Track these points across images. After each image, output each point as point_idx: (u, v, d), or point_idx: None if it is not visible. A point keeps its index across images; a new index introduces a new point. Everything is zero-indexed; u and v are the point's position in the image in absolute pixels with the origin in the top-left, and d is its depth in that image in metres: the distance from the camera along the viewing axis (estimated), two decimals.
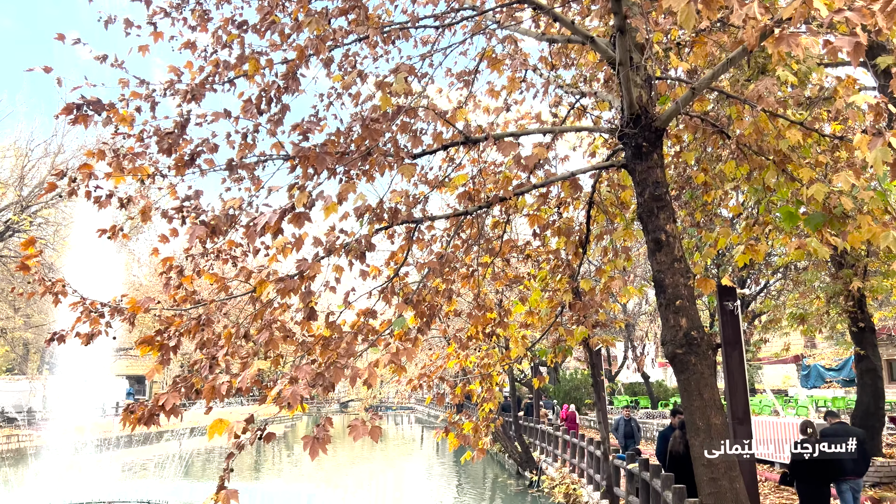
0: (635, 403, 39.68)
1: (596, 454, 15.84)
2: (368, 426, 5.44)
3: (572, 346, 10.19)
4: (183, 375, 6.00)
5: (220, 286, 6.79)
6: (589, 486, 16.61)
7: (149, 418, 5.54)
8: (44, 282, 6.16)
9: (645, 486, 10.92)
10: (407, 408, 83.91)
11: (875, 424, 15.02)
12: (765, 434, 17.24)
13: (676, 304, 7.18)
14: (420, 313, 6.97)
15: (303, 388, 5.36)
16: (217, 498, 5.53)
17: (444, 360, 9.81)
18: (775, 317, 17.04)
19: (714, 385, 7.26)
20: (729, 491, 6.85)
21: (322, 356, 6.05)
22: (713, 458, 6.94)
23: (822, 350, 34.31)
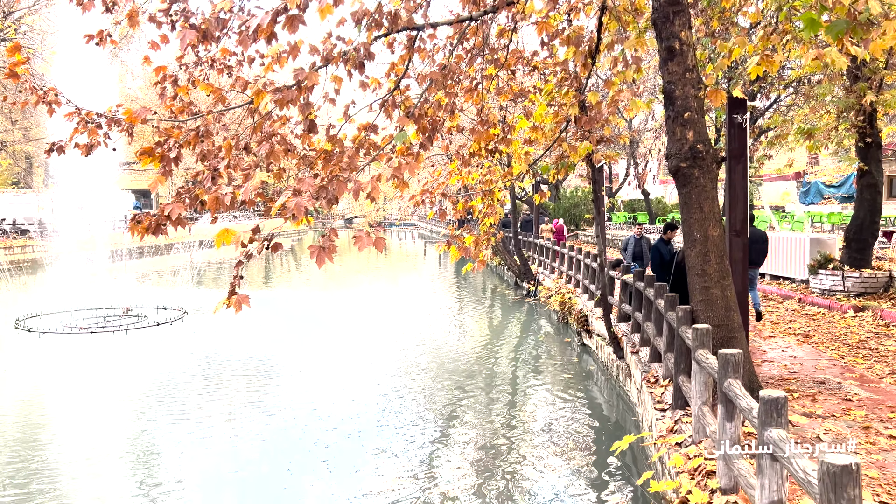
0: (633, 220, 40.45)
1: (592, 266, 16.39)
2: (373, 237, 5.55)
3: (575, 162, 10.15)
4: (186, 187, 6.02)
5: (216, 97, 6.61)
6: (584, 295, 17.37)
7: (156, 228, 5.63)
8: (35, 91, 5.99)
9: (638, 294, 11.41)
10: (410, 224, 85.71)
11: (868, 238, 15.37)
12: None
13: (685, 116, 7.03)
14: (422, 128, 6.84)
15: (306, 200, 5.40)
16: (228, 303, 5.78)
17: (447, 176, 9.82)
18: (782, 132, 16.81)
19: (715, 199, 7.32)
20: (720, 298, 7.14)
21: (324, 170, 6.02)
22: (707, 268, 7.16)
23: (825, 167, 34.30)
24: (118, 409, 10.98)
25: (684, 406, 7.28)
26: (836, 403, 7.31)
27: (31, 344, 15.39)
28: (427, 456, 8.80)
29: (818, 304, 14.24)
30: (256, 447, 9.15)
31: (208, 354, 14.81)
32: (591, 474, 8.29)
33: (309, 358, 14.75)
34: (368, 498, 7.46)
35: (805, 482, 3.28)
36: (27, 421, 10.44)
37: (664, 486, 5.87)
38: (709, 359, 5.79)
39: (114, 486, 7.96)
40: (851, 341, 10.77)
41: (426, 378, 13.02)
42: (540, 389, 12.32)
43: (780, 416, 3.91)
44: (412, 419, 10.41)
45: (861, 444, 6.05)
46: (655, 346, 9.65)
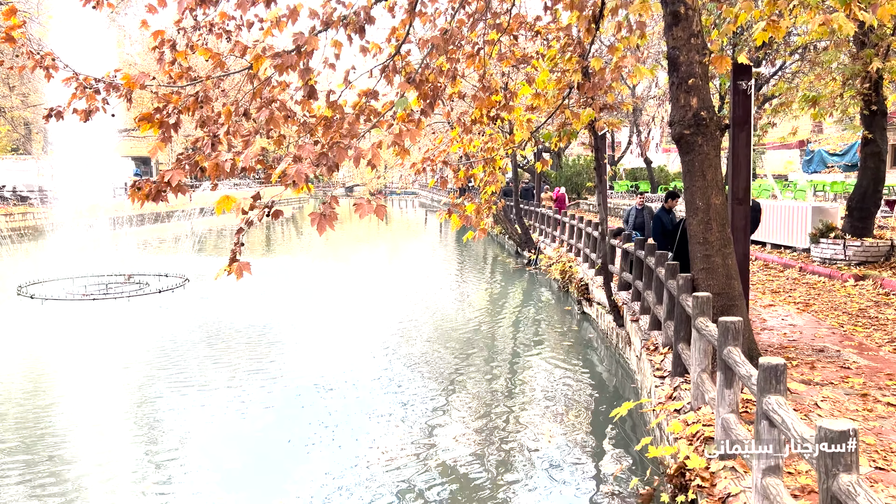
0: (635, 188, 40.30)
1: (593, 235, 16.38)
2: (374, 205, 5.53)
3: (578, 130, 10.07)
4: (186, 154, 5.98)
5: (215, 62, 6.53)
6: (584, 264, 17.39)
7: (156, 194, 5.61)
8: (32, 55, 5.92)
9: (639, 263, 11.41)
10: (411, 193, 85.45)
11: (870, 207, 15.32)
12: (762, 216, 17.67)
13: (689, 82, 6.96)
14: (423, 94, 6.77)
15: (307, 167, 5.36)
16: (230, 269, 5.78)
17: (448, 144, 9.75)
18: (787, 100, 16.65)
19: (718, 166, 7.28)
20: (721, 267, 7.14)
21: (324, 136, 5.98)
22: (709, 236, 7.15)
23: (829, 135, 34.05)
24: (121, 376, 11.07)
25: (683, 373, 7.33)
26: (834, 371, 7.36)
27: (34, 310, 15.46)
28: (428, 422, 8.89)
29: (819, 272, 14.25)
30: (259, 413, 9.24)
31: (210, 321, 14.89)
32: (589, 440, 8.38)
33: (310, 325, 14.83)
34: (370, 464, 7.56)
35: (803, 447, 3.31)
36: (32, 387, 10.53)
37: (662, 451, 5.94)
38: (709, 326, 5.81)
39: (118, 453, 8.06)
40: (851, 310, 10.80)
41: (427, 346, 13.09)
42: (540, 357, 12.40)
43: (779, 382, 3.93)
44: (413, 386, 10.50)
45: (858, 411, 6.11)
46: (655, 315, 9.68)
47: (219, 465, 7.55)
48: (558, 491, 6.97)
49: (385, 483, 7.05)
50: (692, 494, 5.08)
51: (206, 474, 7.32)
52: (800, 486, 4.62)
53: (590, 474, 7.37)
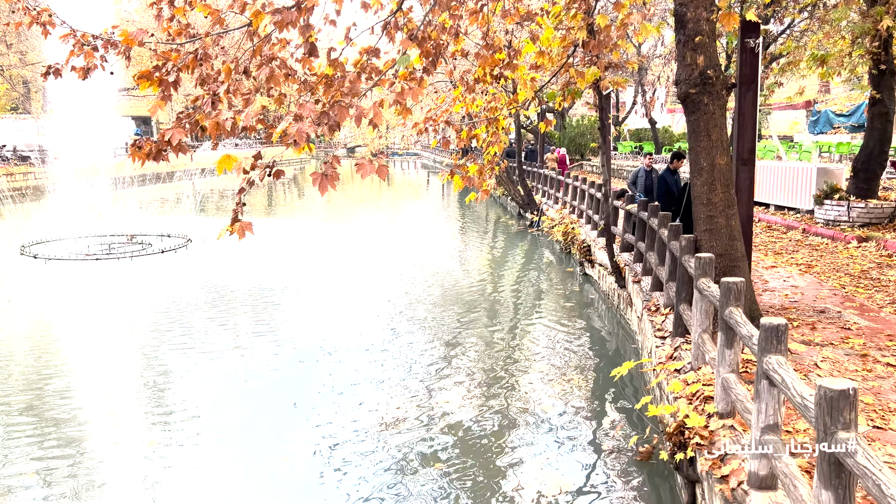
0: (639, 149, 40.00)
1: (596, 196, 16.31)
2: (375, 165, 5.49)
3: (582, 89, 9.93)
4: (186, 112, 5.93)
5: (214, 19, 6.42)
6: (587, 225, 17.36)
7: (157, 154, 5.58)
8: (29, 11, 5.83)
9: (642, 224, 11.38)
10: (413, 154, 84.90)
11: (876, 168, 15.22)
12: (766, 177, 17.58)
13: (695, 40, 6.85)
14: (425, 52, 6.66)
15: (308, 126, 5.32)
16: (232, 229, 5.77)
17: (450, 103, 9.64)
18: (794, 59, 16.41)
19: (723, 126, 7.20)
20: (724, 228, 7.12)
21: (325, 95, 5.91)
22: (713, 197, 7.11)
23: (836, 96, 33.64)
24: (126, 336, 11.16)
25: (684, 334, 7.36)
26: (835, 332, 7.39)
27: (38, 270, 15.52)
28: (430, 383, 8.98)
29: (822, 234, 14.22)
30: (263, 375, 9.33)
31: (213, 282, 14.95)
32: (590, 400, 8.47)
33: (313, 286, 14.88)
34: (372, 424, 7.65)
35: (802, 406, 3.33)
36: (37, 347, 10.62)
37: (662, 410, 5.99)
38: (711, 287, 5.82)
39: (123, 412, 8.16)
40: (853, 271, 10.80)
41: (428, 307, 13.15)
42: (541, 318, 12.46)
43: (779, 342, 3.95)
44: (415, 347, 10.57)
45: (858, 371, 6.15)
46: (657, 276, 9.69)
47: (223, 426, 7.65)
48: (559, 449, 7.07)
49: (388, 443, 7.15)
50: (691, 452, 5.14)
51: (210, 435, 7.42)
52: (798, 444, 4.68)
53: (590, 433, 7.47)
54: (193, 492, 6.19)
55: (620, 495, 6.08)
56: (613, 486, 6.24)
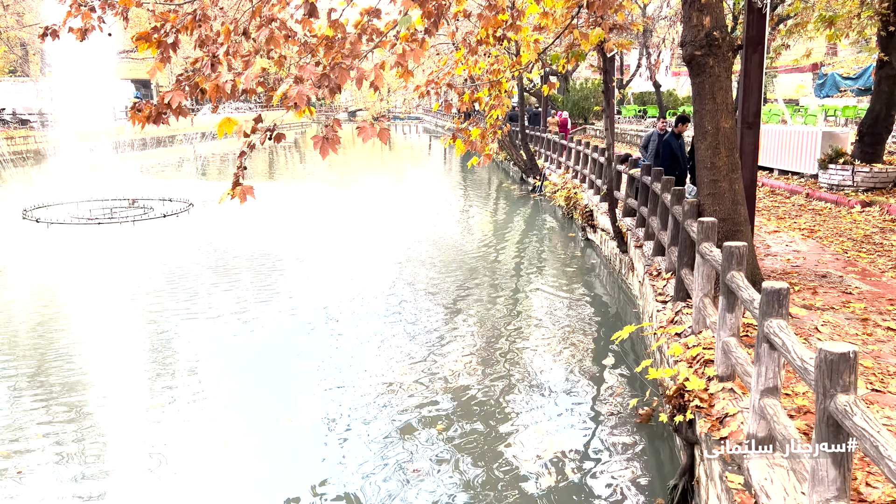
0: (643, 113, 39.62)
1: (600, 161, 16.21)
2: (377, 128, 5.45)
3: (586, 51, 9.80)
4: (186, 75, 5.86)
5: None
6: (590, 190, 17.28)
7: (157, 117, 5.53)
8: None
9: (645, 188, 11.32)
10: (415, 118, 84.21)
11: (882, 132, 15.08)
12: (770, 141, 17.43)
13: (702, 1, 6.72)
14: (427, 13, 6.55)
15: (308, 89, 5.27)
16: (233, 193, 5.76)
17: (452, 66, 9.52)
18: (802, 20, 16.14)
19: (728, 89, 7.12)
20: (728, 192, 7.08)
21: (326, 57, 5.83)
22: (717, 161, 7.06)
23: (843, 58, 33.17)
24: (129, 300, 11.21)
25: (685, 298, 7.38)
26: (836, 296, 7.40)
27: (40, 234, 15.54)
28: (431, 347, 9.04)
29: (825, 199, 14.16)
30: (266, 338, 9.40)
31: (216, 246, 14.97)
32: (590, 363, 8.53)
33: (315, 251, 14.90)
34: (374, 387, 7.73)
35: (802, 369, 3.35)
36: (42, 312, 10.69)
37: (662, 373, 6.04)
38: (713, 251, 5.81)
39: (127, 375, 8.24)
40: (856, 236, 10.78)
41: (431, 272, 13.18)
42: (543, 283, 12.49)
43: (781, 306, 3.95)
44: (417, 312, 10.62)
45: (858, 335, 6.17)
46: (659, 240, 9.68)
47: (226, 389, 7.73)
48: (559, 411, 7.15)
49: (390, 406, 7.22)
50: (690, 414, 5.19)
51: (214, 397, 7.51)
52: (796, 406, 4.72)
53: (590, 396, 7.54)
54: (197, 452, 6.28)
55: (620, 457, 6.17)
56: (613, 448, 6.32)
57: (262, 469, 6.01)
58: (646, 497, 5.48)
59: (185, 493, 5.59)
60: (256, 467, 6.03)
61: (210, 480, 5.79)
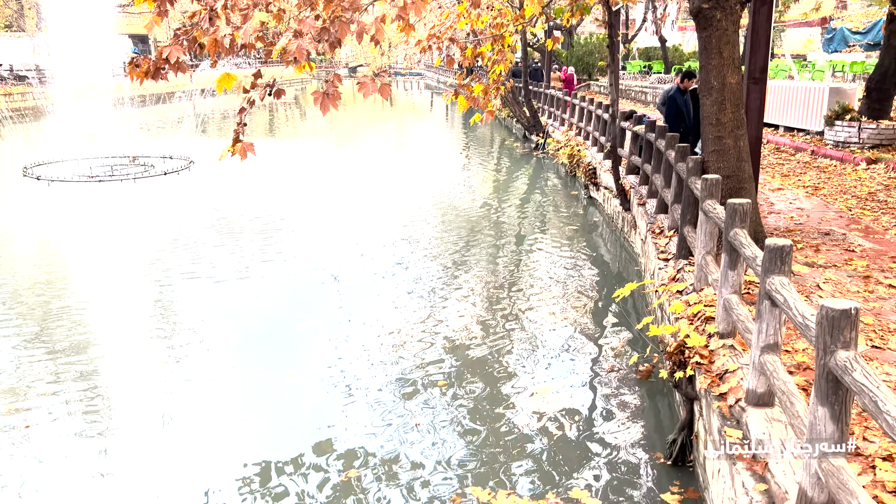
0: (648, 69, 39.07)
1: (604, 117, 16.04)
2: (378, 83, 5.38)
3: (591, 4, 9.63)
4: (184, 29, 5.76)
5: None
6: (593, 147, 17.15)
7: (155, 72, 5.46)
8: None
9: (649, 145, 11.23)
10: (416, 73, 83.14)
11: (890, 88, 14.86)
12: (776, 98, 17.20)
13: None
14: None
15: (308, 43, 5.19)
16: (233, 150, 5.72)
17: (455, 19, 9.35)
18: None
19: (735, 43, 6.99)
20: (732, 149, 7.02)
21: (325, 10, 5.72)
22: (722, 117, 6.98)
23: (853, 12, 32.53)
24: (132, 258, 11.23)
25: (687, 256, 7.37)
26: (838, 254, 7.39)
27: (41, 192, 15.50)
28: (433, 304, 9.08)
29: (831, 156, 14.04)
30: (268, 296, 9.44)
31: (218, 204, 14.93)
32: (591, 320, 8.58)
33: (316, 209, 14.87)
34: (376, 343, 7.78)
35: (803, 326, 3.36)
36: (45, 268, 10.73)
37: (663, 330, 6.07)
38: (716, 209, 5.78)
39: (131, 331, 8.30)
40: (861, 193, 10.72)
41: (433, 231, 13.17)
42: (545, 241, 12.49)
43: (783, 263, 3.95)
44: (419, 270, 10.64)
45: (860, 292, 6.18)
46: (663, 198, 9.64)
47: (230, 346, 7.79)
48: (559, 368, 7.21)
49: (392, 362, 7.29)
50: (690, 371, 5.23)
51: (218, 354, 7.57)
52: (796, 363, 4.75)
53: (590, 352, 7.60)
54: (202, 406, 6.36)
55: (620, 413, 6.24)
56: (613, 404, 6.39)
57: (266, 424, 6.09)
58: (645, 452, 5.56)
59: (190, 448, 5.68)
60: (260, 423, 6.11)
61: (214, 435, 5.87)
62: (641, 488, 5.07)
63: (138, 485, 5.12)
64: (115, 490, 5.07)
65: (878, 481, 3.44)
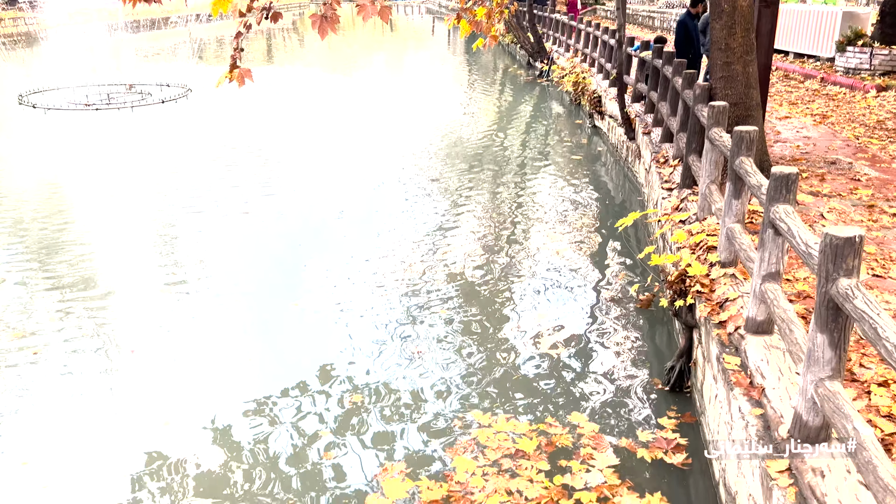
0: None
1: (610, 43, 15.64)
2: (377, 6, 5.21)
3: None
4: None
5: None
6: (599, 75, 16.79)
7: None
8: None
9: (655, 72, 10.97)
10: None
11: None
12: (786, 22, 16.73)
13: None
14: None
15: None
16: (231, 76, 5.60)
17: None
18: None
19: None
20: (741, 75, 6.86)
21: None
22: (731, 42, 6.80)
23: None
24: (134, 189, 11.16)
25: (692, 185, 7.31)
26: (843, 183, 7.33)
27: (38, 120, 15.31)
28: (435, 235, 9.08)
29: (841, 83, 13.76)
30: (269, 227, 9.44)
31: (217, 134, 14.77)
32: (593, 250, 8.59)
33: (317, 139, 14.70)
34: (379, 274, 7.82)
35: (806, 254, 3.35)
36: (47, 199, 10.71)
37: (664, 259, 6.08)
38: (723, 137, 5.69)
39: (133, 261, 8.33)
40: (869, 122, 10.55)
41: (434, 160, 13.05)
42: (548, 171, 12.38)
43: (789, 192, 3.90)
44: (421, 201, 10.60)
45: (863, 222, 6.15)
46: (668, 126, 9.49)
47: (232, 277, 7.82)
48: (560, 296, 7.26)
49: (394, 291, 7.34)
50: (690, 299, 5.26)
51: (220, 284, 7.62)
52: (796, 291, 4.77)
53: (592, 281, 7.63)
54: (207, 334, 6.44)
55: (619, 340, 6.31)
56: (613, 332, 6.47)
57: (271, 352, 6.18)
58: (643, 379, 5.65)
59: (196, 374, 5.78)
60: (265, 350, 6.20)
61: (220, 362, 5.96)
62: (639, 413, 5.18)
63: (146, 410, 5.23)
64: (124, 414, 5.19)
65: (873, 406, 3.50)
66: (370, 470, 4.55)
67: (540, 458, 4.51)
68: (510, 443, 4.70)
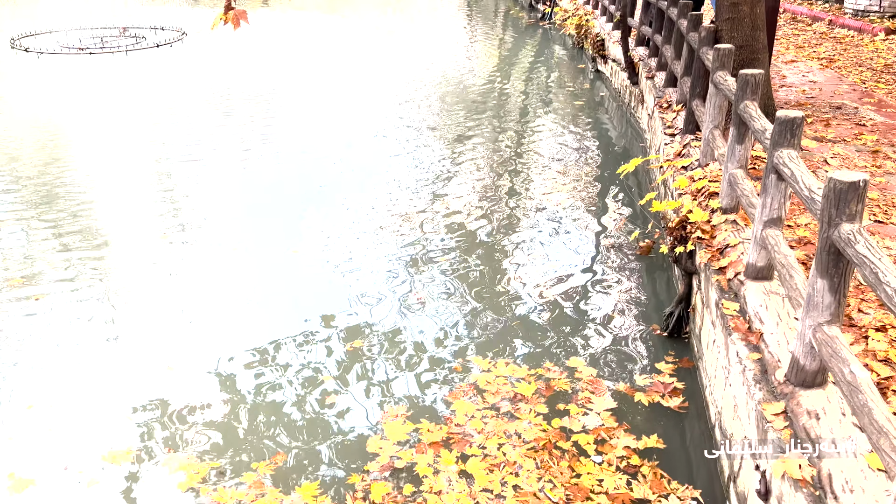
0: None
1: None
2: None
3: None
4: None
5: None
6: (602, 17, 16.42)
7: None
8: None
9: (660, 14, 10.72)
10: None
11: None
12: None
13: None
14: None
15: None
16: (225, 18, 5.47)
17: None
18: None
19: None
20: (748, 17, 6.70)
21: None
22: None
23: None
24: (131, 136, 11.05)
25: (695, 131, 7.22)
26: (848, 128, 7.24)
27: (31, 64, 15.06)
28: (436, 181, 9.02)
29: (849, 26, 13.48)
30: (268, 174, 9.37)
31: (213, 79, 14.54)
32: (594, 196, 8.54)
33: (315, 84, 14.47)
34: (379, 221, 7.79)
35: (809, 199, 3.31)
36: (44, 145, 10.59)
37: (665, 206, 6.04)
38: (727, 80, 5.59)
39: (133, 210, 8.29)
40: (876, 66, 10.37)
41: (435, 106, 12.87)
42: (550, 117, 12.23)
43: (793, 136, 3.85)
44: (421, 147, 10.49)
45: (867, 167, 6.10)
46: (672, 70, 9.31)
47: (232, 223, 7.80)
48: (560, 243, 7.25)
49: (394, 239, 7.33)
50: (691, 245, 5.25)
51: (220, 231, 7.60)
52: (797, 238, 4.75)
53: (592, 228, 7.61)
54: (207, 281, 6.46)
55: (618, 286, 6.33)
56: (612, 278, 6.48)
57: (271, 299, 6.19)
58: (641, 324, 5.68)
59: (197, 321, 5.81)
60: (265, 297, 6.21)
61: (220, 309, 5.99)
62: (637, 358, 5.23)
63: (149, 355, 5.28)
64: (127, 359, 5.24)
65: (870, 350, 3.53)
66: (372, 413, 4.62)
67: (538, 402, 4.57)
68: (509, 387, 4.76)
